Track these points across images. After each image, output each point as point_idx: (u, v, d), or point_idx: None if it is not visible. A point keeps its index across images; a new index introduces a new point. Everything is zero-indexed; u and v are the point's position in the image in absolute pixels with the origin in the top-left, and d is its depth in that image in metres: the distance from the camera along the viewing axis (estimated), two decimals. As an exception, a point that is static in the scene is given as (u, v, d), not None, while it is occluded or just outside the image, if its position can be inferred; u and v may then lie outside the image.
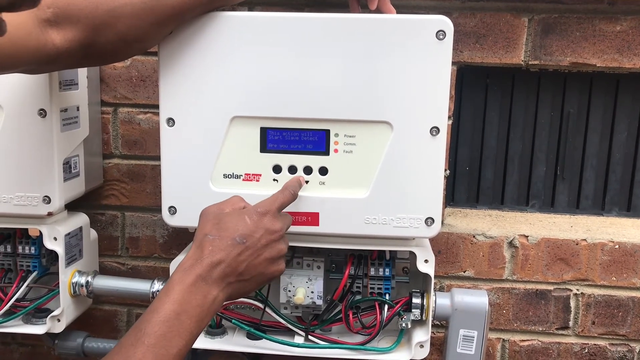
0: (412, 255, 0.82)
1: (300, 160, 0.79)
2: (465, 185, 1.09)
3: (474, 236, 1.01)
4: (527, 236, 1.00)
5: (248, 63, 0.76)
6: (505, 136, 1.06)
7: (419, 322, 0.85)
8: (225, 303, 0.71)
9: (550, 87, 1.03)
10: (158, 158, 0.82)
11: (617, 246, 0.98)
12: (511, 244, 1.00)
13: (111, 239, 1.08)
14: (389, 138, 0.77)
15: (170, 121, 0.78)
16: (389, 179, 0.77)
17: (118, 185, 1.06)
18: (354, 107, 0.76)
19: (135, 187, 1.05)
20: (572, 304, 1.01)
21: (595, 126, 1.04)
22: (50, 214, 0.87)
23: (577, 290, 1.00)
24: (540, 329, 1.02)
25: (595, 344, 1.02)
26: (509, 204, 1.09)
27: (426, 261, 0.81)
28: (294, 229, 0.79)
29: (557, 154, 1.05)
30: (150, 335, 0.59)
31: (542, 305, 1.01)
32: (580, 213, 1.07)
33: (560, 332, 1.02)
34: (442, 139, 0.76)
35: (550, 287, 1.01)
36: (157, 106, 0.81)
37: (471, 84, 1.04)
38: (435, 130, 0.76)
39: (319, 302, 0.85)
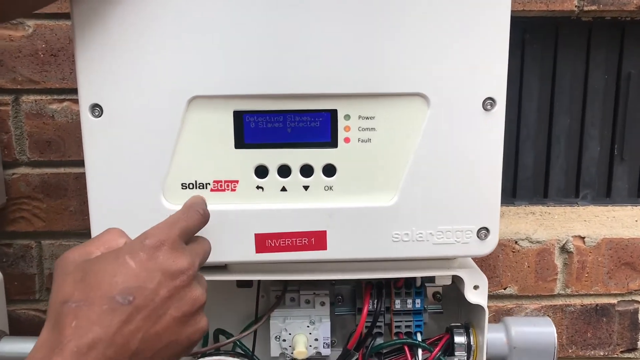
0: (455, 279, 0.70)
1: (295, 157, 0.64)
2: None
3: (515, 242, 0.91)
4: (583, 237, 0.91)
5: (211, 17, 0.60)
6: (547, 109, 0.97)
7: (466, 369, 0.75)
8: None
9: (604, 41, 0.93)
10: (83, 163, 0.67)
11: (698, 244, 0.90)
12: (563, 248, 0.92)
13: (24, 278, 0.94)
14: (425, 118, 0.63)
15: (96, 109, 0.62)
16: (425, 178, 0.64)
17: (29, 204, 0.92)
18: (372, 75, 0.62)
19: (53, 205, 0.93)
20: (642, 319, 0.94)
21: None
22: None
23: (647, 302, 0.93)
24: (602, 353, 0.96)
25: (670, 368, 0.97)
26: (554, 197, 1.00)
27: (476, 287, 0.69)
28: (292, 255, 0.64)
29: (614, 128, 0.97)
30: None
31: (604, 324, 0.95)
32: (646, 203, 1.00)
33: (627, 355, 0.96)
34: (500, 114, 0.62)
35: (614, 300, 0.94)
36: (76, 90, 0.65)
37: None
38: (490, 103, 0.62)
39: (327, 351, 0.71)
